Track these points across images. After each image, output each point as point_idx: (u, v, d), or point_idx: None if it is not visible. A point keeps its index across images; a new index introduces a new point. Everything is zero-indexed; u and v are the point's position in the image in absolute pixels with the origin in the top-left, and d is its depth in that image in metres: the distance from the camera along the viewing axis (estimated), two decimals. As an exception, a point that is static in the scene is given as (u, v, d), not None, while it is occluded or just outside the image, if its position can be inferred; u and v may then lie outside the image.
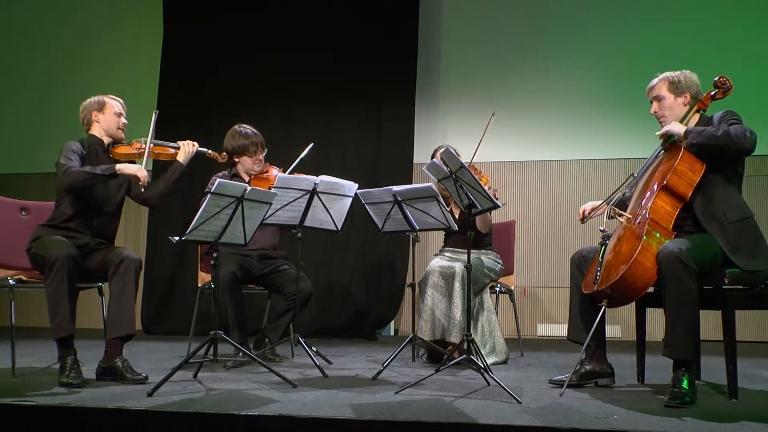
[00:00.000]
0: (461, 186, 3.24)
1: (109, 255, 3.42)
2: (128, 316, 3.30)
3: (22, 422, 2.59)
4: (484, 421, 2.42)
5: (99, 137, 3.67)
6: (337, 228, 3.88)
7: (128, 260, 3.34)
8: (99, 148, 3.65)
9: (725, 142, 2.86)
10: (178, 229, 3.51)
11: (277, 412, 2.51)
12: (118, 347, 3.29)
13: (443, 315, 3.96)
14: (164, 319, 6.04)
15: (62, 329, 3.20)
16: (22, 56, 6.87)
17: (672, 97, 3.17)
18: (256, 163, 4.23)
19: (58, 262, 3.19)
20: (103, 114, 3.67)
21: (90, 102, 3.70)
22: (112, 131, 3.68)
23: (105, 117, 3.67)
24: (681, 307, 2.79)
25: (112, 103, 3.70)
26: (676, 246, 2.80)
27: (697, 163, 2.97)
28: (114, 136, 3.70)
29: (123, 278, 3.32)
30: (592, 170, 5.94)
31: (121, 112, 3.71)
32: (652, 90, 3.24)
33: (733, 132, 2.85)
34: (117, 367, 3.24)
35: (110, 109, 3.68)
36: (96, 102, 3.70)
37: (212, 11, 6.34)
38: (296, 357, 4.28)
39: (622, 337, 5.60)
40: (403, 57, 6.01)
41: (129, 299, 3.31)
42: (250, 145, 4.18)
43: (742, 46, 5.66)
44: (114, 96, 3.76)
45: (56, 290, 3.19)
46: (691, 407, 2.70)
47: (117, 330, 3.28)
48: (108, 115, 3.67)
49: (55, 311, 3.19)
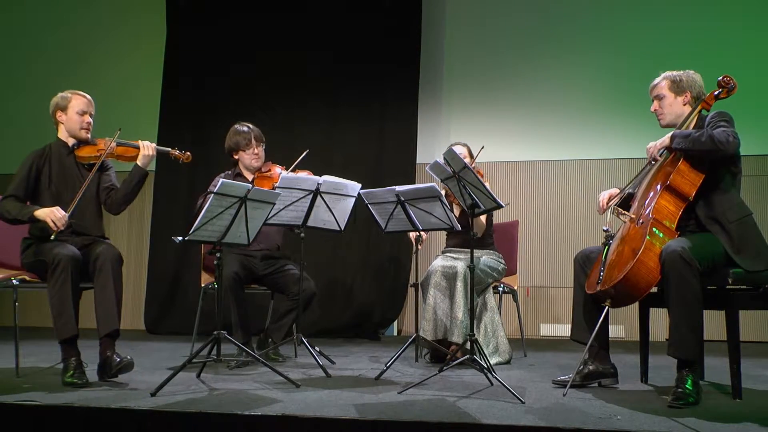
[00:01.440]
0: (464, 186, 3.24)
1: (89, 253, 3.35)
2: (110, 314, 3.25)
3: (26, 422, 2.60)
4: (487, 421, 2.42)
5: (64, 140, 3.54)
6: (340, 228, 3.88)
7: (104, 255, 3.29)
8: (63, 151, 3.53)
9: (709, 148, 2.86)
10: (181, 229, 3.51)
11: (280, 412, 2.52)
12: (107, 344, 3.26)
13: (445, 315, 3.96)
14: (167, 319, 6.04)
15: (67, 330, 3.18)
16: (24, 56, 6.87)
17: (672, 95, 3.19)
18: (254, 158, 4.23)
19: (62, 263, 3.17)
20: (66, 114, 3.52)
21: (55, 100, 3.54)
22: (74, 132, 3.52)
23: (68, 116, 3.52)
24: (685, 305, 2.78)
25: (76, 99, 3.51)
26: (679, 245, 2.80)
27: (700, 162, 2.96)
28: (77, 136, 3.54)
29: (102, 275, 3.27)
30: (596, 170, 5.93)
31: (84, 110, 3.52)
32: (654, 89, 3.25)
33: (717, 137, 2.84)
34: (106, 358, 3.23)
35: (73, 107, 3.50)
36: (60, 99, 3.53)
37: (215, 11, 6.34)
38: (299, 357, 4.27)
39: (625, 337, 5.59)
40: (407, 57, 6.01)
41: (110, 296, 3.25)
42: (242, 140, 4.20)
43: (745, 46, 5.64)
44: (81, 92, 3.58)
45: (60, 291, 3.17)
46: (694, 408, 2.69)
47: (102, 329, 3.25)
48: (71, 114, 3.51)
49: (59, 312, 3.17)
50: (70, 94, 3.55)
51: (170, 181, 6.19)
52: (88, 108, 3.55)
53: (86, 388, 3.08)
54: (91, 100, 3.60)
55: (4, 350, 4.33)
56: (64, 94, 3.56)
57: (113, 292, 3.28)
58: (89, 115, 3.56)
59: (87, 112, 3.54)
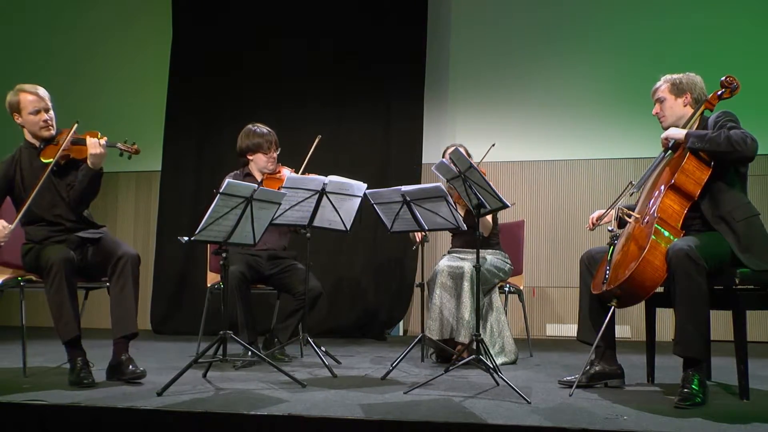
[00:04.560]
0: (470, 186, 3.24)
1: (107, 251, 3.34)
2: (130, 316, 3.27)
3: (33, 421, 2.60)
4: (493, 421, 2.42)
5: (30, 141, 3.35)
6: (346, 228, 3.88)
7: (125, 257, 3.29)
8: (32, 152, 3.35)
9: (726, 149, 2.85)
10: (187, 229, 3.51)
11: (287, 412, 2.52)
12: (122, 346, 3.28)
13: (451, 315, 3.96)
14: (173, 319, 6.06)
15: (69, 331, 3.18)
16: (31, 58, 6.89)
17: (672, 98, 3.20)
18: (270, 161, 4.23)
19: (56, 266, 3.16)
20: (22, 116, 3.27)
21: (7, 101, 3.26)
22: (35, 133, 3.28)
23: (24, 118, 3.27)
24: (691, 304, 2.77)
25: (24, 99, 3.23)
26: (686, 243, 2.79)
27: (705, 160, 2.95)
28: (39, 137, 3.30)
29: (122, 277, 3.27)
30: (601, 170, 5.92)
31: (36, 108, 3.23)
32: (655, 92, 3.28)
33: (734, 138, 2.83)
34: (121, 362, 3.24)
35: (24, 108, 3.23)
36: (10, 99, 3.25)
37: (221, 11, 6.35)
38: (305, 357, 4.28)
39: (631, 337, 5.58)
40: (412, 56, 6.01)
41: (129, 298, 3.27)
42: (264, 143, 4.18)
43: (748, 46, 5.62)
44: (29, 87, 3.25)
45: (57, 294, 3.16)
46: (701, 408, 2.69)
47: (120, 330, 3.27)
48: (25, 115, 3.26)
49: (59, 314, 3.17)
50: (17, 96, 3.26)
51: (176, 181, 6.21)
52: (38, 104, 3.25)
53: (92, 388, 3.09)
54: (41, 93, 3.26)
55: (12, 350, 4.35)
56: (13, 92, 3.27)
57: (132, 294, 3.29)
58: (44, 111, 3.26)
59: (40, 110, 3.25)
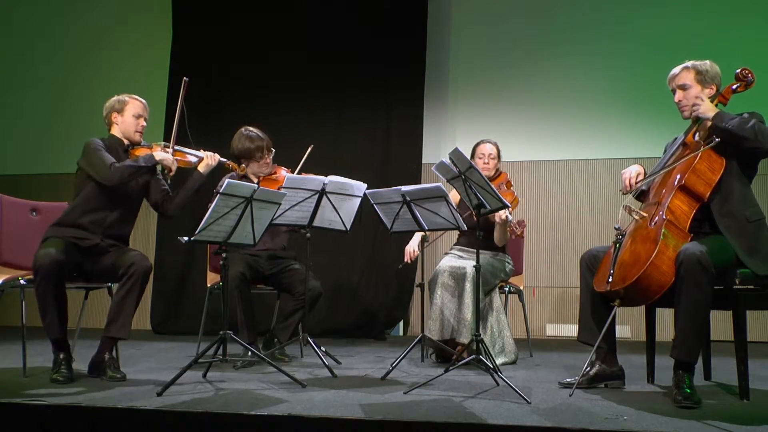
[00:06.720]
0: (470, 186, 3.24)
1: (121, 258, 3.42)
2: (125, 322, 3.34)
3: (33, 421, 2.61)
4: (493, 421, 2.42)
5: (119, 137, 3.63)
6: (346, 228, 3.88)
7: (139, 266, 3.36)
8: (120, 147, 3.61)
9: (748, 136, 2.80)
10: (187, 229, 3.51)
11: (287, 412, 2.52)
12: (109, 344, 3.37)
13: (452, 315, 3.95)
14: (174, 319, 6.06)
15: (52, 332, 3.28)
16: (34, 58, 6.91)
17: (699, 87, 3.08)
18: (263, 166, 4.23)
19: (42, 270, 3.21)
20: (122, 116, 3.61)
21: (111, 102, 3.64)
22: (129, 134, 3.62)
23: (123, 119, 3.61)
24: (695, 310, 2.76)
25: (132, 103, 3.63)
26: (698, 248, 2.74)
27: (717, 162, 2.92)
28: (130, 139, 3.64)
29: (130, 282, 3.34)
30: (602, 170, 5.91)
31: (140, 114, 3.63)
32: (675, 78, 3.14)
33: (758, 129, 2.81)
34: (103, 360, 3.33)
35: (129, 110, 3.61)
36: (116, 102, 3.63)
37: (221, 12, 6.36)
38: (305, 357, 4.28)
39: (631, 337, 5.58)
40: (412, 57, 6.01)
41: (130, 304, 3.35)
42: (255, 150, 4.16)
43: (750, 45, 5.61)
44: (137, 96, 3.69)
45: (43, 296, 3.24)
46: (701, 408, 2.69)
47: (111, 331, 3.34)
48: (126, 116, 3.61)
49: (44, 315, 3.26)
50: (127, 98, 3.65)
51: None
52: (143, 112, 3.65)
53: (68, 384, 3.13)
54: (146, 104, 3.69)
55: (12, 350, 4.35)
56: (121, 97, 3.65)
57: (134, 302, 3.37)
58: (144, 119, 3.65)
59: (142, 116, 3.64)
